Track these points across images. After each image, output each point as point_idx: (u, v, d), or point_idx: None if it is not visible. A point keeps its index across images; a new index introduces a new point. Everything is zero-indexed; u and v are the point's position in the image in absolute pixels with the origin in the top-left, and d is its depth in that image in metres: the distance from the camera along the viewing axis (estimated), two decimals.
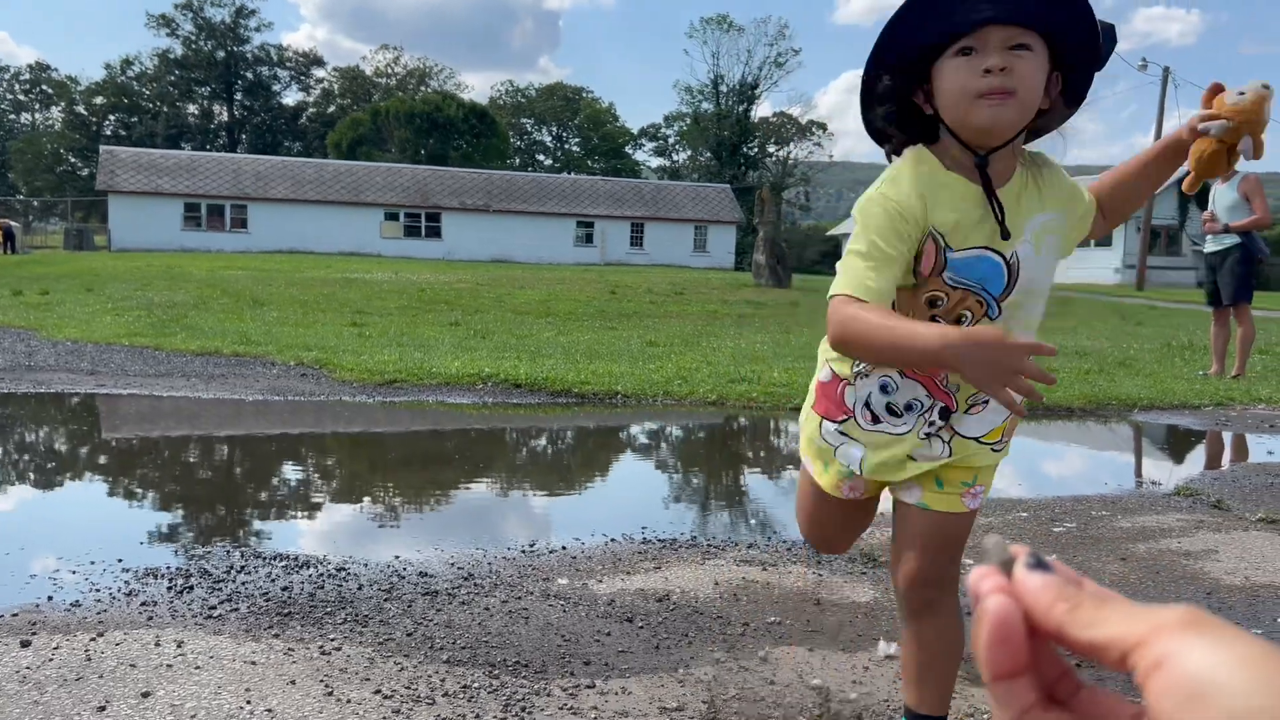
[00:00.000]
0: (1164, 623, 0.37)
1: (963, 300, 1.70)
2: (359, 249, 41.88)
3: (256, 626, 2.67)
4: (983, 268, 1.68)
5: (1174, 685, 0.35)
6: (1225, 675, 0.34)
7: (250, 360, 8.36)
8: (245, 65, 77.31)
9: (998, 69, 1.55)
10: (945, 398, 1.76)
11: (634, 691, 2.35)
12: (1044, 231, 1.72)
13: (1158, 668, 0.36)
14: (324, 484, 4.81)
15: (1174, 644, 0.36)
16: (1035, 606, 0.41)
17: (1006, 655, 0.41)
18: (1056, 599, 0.41)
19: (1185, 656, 0.35)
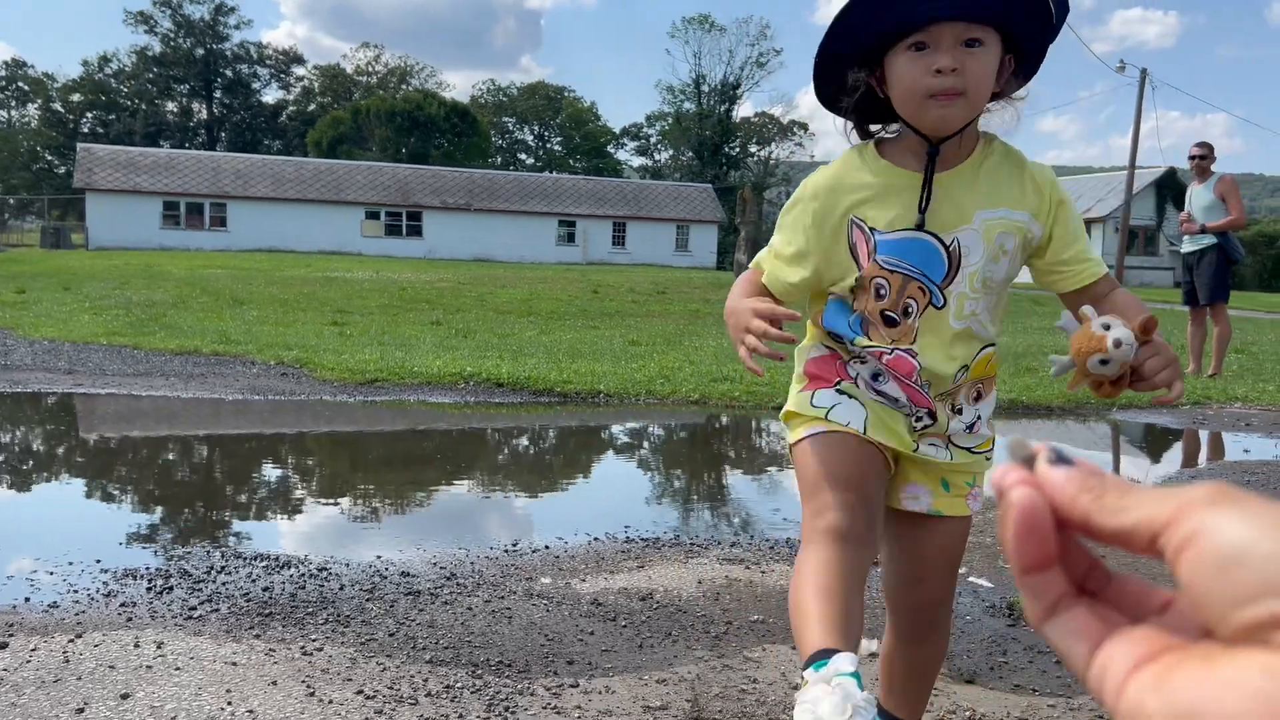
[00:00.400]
0: (1191, 500, 0.37)
1: (904, 287, 1.66)
2: (339, 248, 41.69)
3: (237, 627, 2.65)
4: (917, 250, 1.64)
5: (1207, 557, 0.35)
6: (1257, 541, 0.34)
7: (230, 359, 8.31)
8: (224, 63, 76.78)
9: (949, 69, 1.52)
10: (922, 400, 1.71)
11: (617, 690, 2.34)
12: (1001, 228, 1.64)
13: (1189, 543, 0.36)
14: (305, 484, 4.79)
15: (1204, 518, 0.36)
16: (1060, 498, 0.41)
17: (1035, 546, 0.41)
18: (1081, 489, 0.40)
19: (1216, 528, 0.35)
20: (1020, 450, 0.44)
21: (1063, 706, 2.37)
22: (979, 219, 1.64)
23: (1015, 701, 2.39)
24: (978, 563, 3.52)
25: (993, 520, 4.13)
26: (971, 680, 2.52)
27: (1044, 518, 0.41)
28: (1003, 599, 3.12)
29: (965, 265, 1.64)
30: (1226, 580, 0.34)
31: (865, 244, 1.66)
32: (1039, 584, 0.41)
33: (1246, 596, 0.33)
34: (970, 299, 1.67)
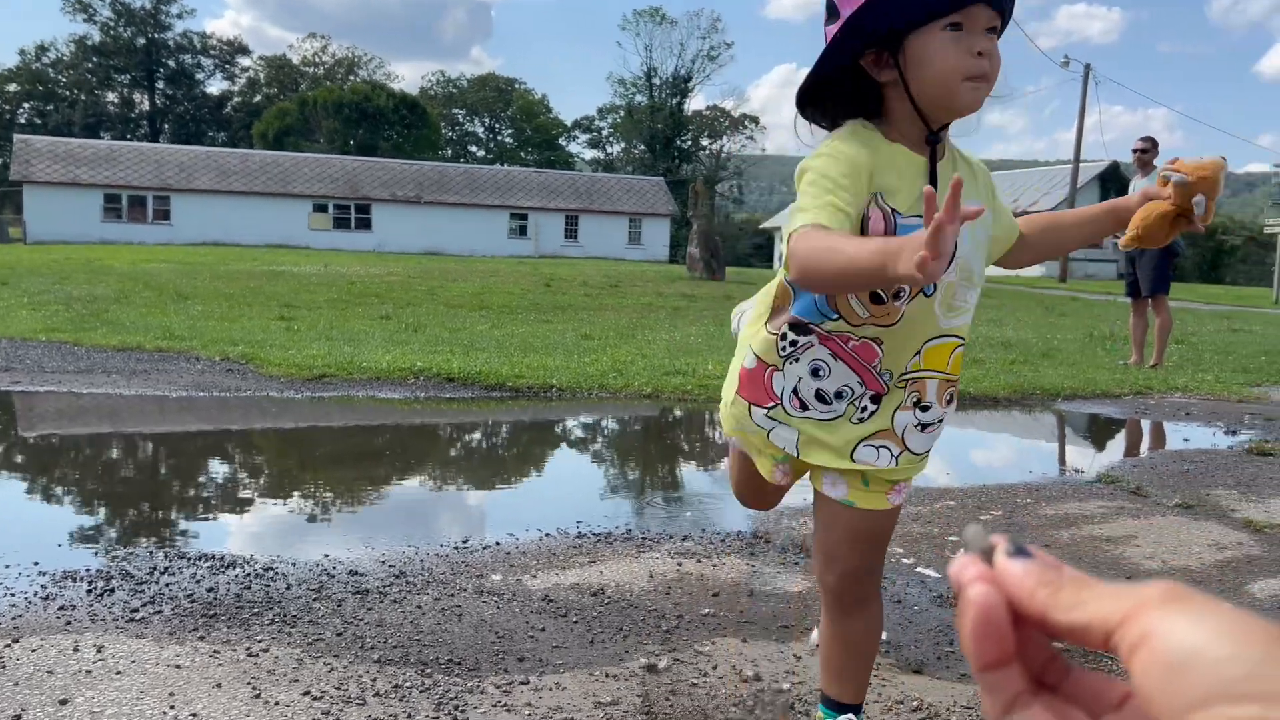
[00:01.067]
0: (1144, 600, 0.37)
1: None
2: (286, 241, 41.15)
3: (181, 629, 2.60)
4: None
5: (1157, 660, 0.35)
6: (1207, 646, 0.34)
7: (174, 355, 8.16)
8: (167, 53, 75.33)
9: (988, 52, 1.55)
10: (877, 385, 1.73)
11: (568, 687, 2.34)
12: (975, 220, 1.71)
13: (1141, 644, 0.36)
14: (251, 482, 4.72)
15: (1155, 620, 0.36)
16: (1018, 593, 0.41)
17: (992, 644, 0.41)
18: (1038, 584, 0.41)
19: (1167, 631, 0.35)
20: (978, 542, 0.44)
21: None
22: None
23: (962, 691, 2.42)
24: (925, 553, 3.56)
25: (940, 510, 4.18)
26: (919, 670, 2.55)
27: (1001, 616, 0.41)
28: (949, 589, 3.15)
29: (958, 255, 1.66)
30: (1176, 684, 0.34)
31: (884, 223, 1.63)
32: (996, 681, 0.42)
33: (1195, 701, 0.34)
34: (959, 288, 1.71)
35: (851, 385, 1.73)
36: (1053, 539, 3.80)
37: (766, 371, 1.79)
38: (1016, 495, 4.53)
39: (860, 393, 1.74)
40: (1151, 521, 4.10)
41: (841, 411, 1.75)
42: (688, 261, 22.11)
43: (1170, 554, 3.64)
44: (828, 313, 1.70)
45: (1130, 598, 0.38)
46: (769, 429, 1.81)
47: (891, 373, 1.73)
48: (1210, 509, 4.34)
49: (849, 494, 1.81)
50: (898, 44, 1.58)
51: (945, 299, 1.69)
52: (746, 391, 1.84)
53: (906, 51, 1.58)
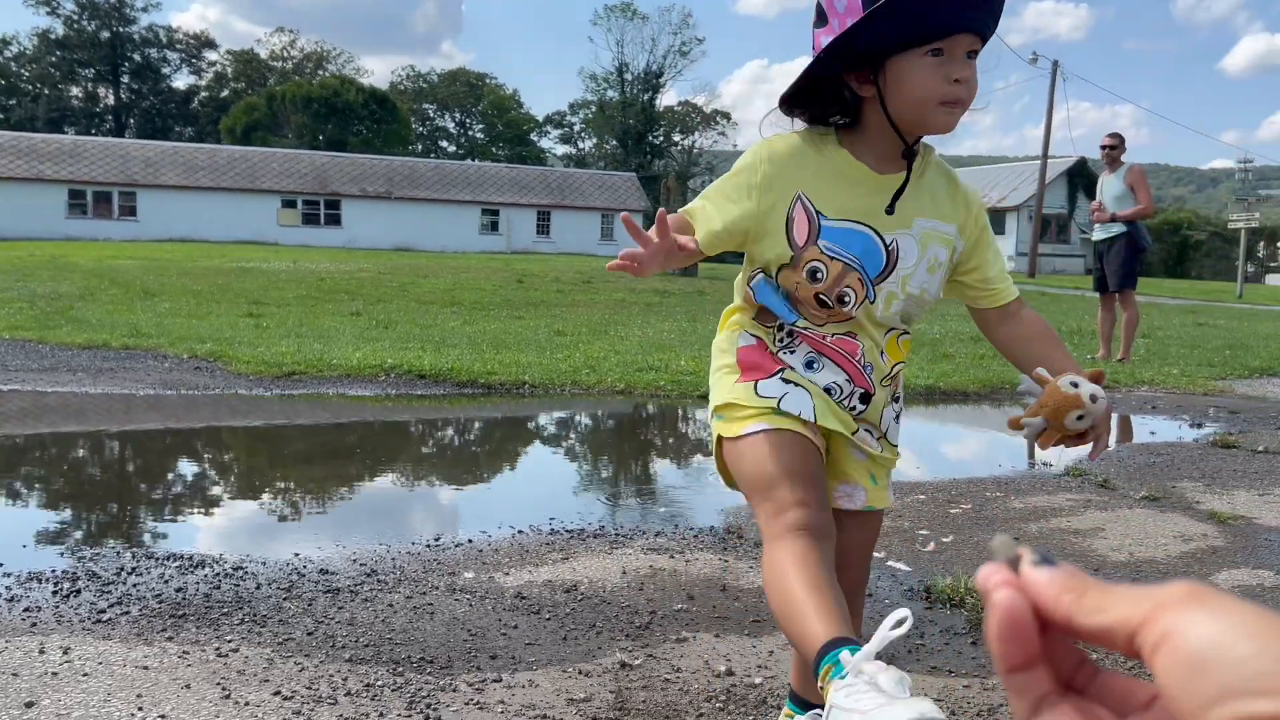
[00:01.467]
0: (1166, 600, 0.38)
1: (843, 276, 1.70)
2: (255, 237, 40.80)
3: (149, 630, 2.57)
4: (859, 242, 1.69)
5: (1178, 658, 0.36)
6: (1227, 644, 0.35)
7: (141, 353, 8.07)
8: (132, 47, 74.41)
9: (966, 79, 1.60)
10: (864, 382, 1.76)
11: (541, 684, 2.33)
12: (932, 237, 1.73)
13: (1162, 643, 0.37)
14: (220, 481, 4.67)
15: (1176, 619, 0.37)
16: (1043, 598, 0.42)
17: (1018, 646, 0.42)
18: (1064, 590, 0.41)
19: (1187, 630, 0.36)
20: (1005, 551, 0.45)
21: (977, 686, 2.43)
22: (917, 225, 1.71)
23: (931, 683, 2.44)
24: (895, 547, 3.58)
25: (910, 504, 4.21)
26: (890, 664, 2.56)
27: (1026, 618, 0.42)
28: (920, 582, 3.18)
29: (900, 266, 1.71)
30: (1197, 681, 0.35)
31: (807, 224, 1.68)
32: (1023, 683, 0.42)
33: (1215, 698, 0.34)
34: (897, 300, 1.73)
35: (839, 383, 1.75)
36: (1021, 532, 3.84)
37: (767, 349, 1.80)
38: (985, 489, 4.57)
39: (849, 390, 1.76)
40: (1118, 514, 4.15)
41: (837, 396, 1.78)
42: None
43: (1137, 546, 3.68)
44: (787, 314, 1.75)
45: (1151, 599, 0.38)
46: (781, 395, 1.71)
47: (873, 367, 1.76)
48: (1176, 501, 4.39)
49: (868, 499, 1.82)
50: (880, 63, 1.62)
51: (885, 308, 1.74)
52: (749, 373, 1.77)
53: (887, 71, 1.62)
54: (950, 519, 4.01)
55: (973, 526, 3.90)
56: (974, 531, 3.83)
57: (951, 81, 1.58)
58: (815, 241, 1.69)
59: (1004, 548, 0.45)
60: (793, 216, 1.69)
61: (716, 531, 3.73)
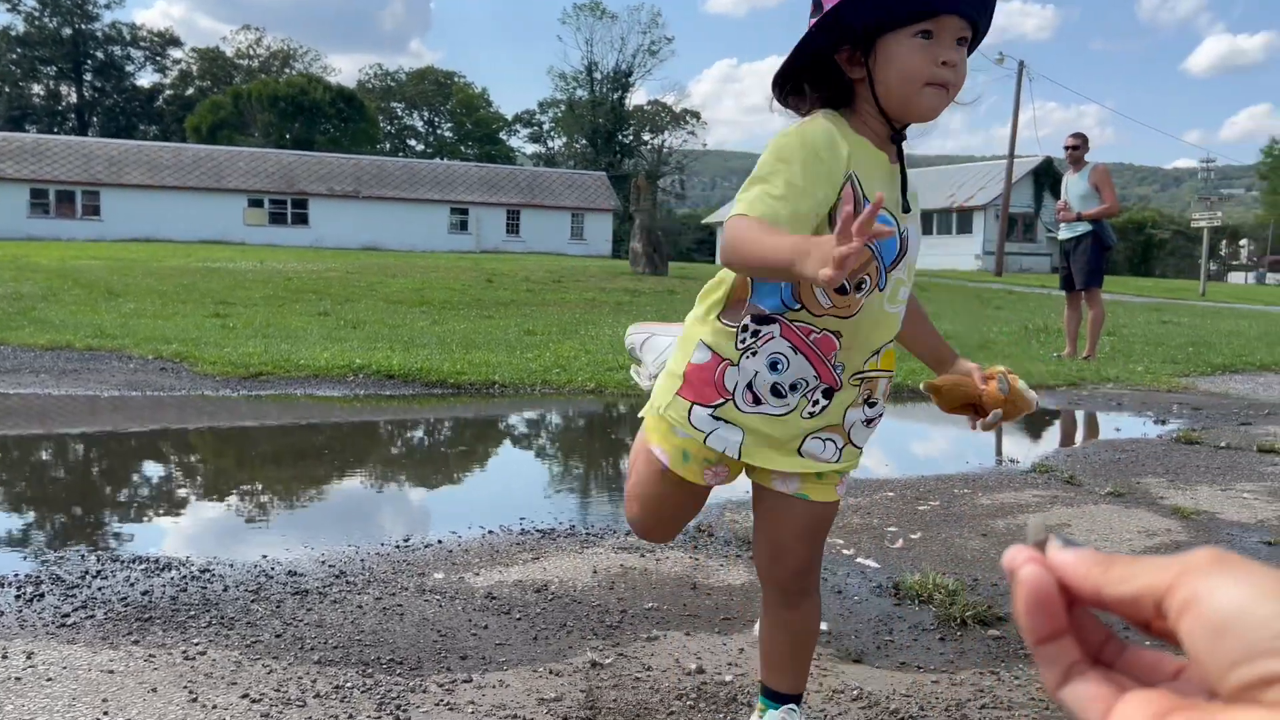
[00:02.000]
0: (1191, 566, 0.39)
1: (867, 263, 1.66)
2: (221, 237, 40.42)
3: (114, 633, 2.55)
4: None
5: (1203, 621, 0.37)
6: (1249, 606, 0.36)
7: (105, 354, 7.97)
8: (95, 44, 73.46)
9: (954, 62, 1.59)
10: (831, 378, 1.74)
11: (511, 684, 2.33)
12: (913, 218, 1.79)
13: (1187, 607, 0.38)
14: (187, 483, 4.63)
15: (1201, 583, 0.38)
16: (1072, 573, 0.43)
17: (1045, 618, 0.43)
18: (1091, 564, 0.42)
19: (1212, 594, 0.37)
20: (1035, 535, 0.46)
21: (946, 682, 2.45)
22: (917, 211, 1.76)
23: (901, 679, 2.46)
24: (865, 544, 3.61)
25: (879, 501, 4.24)
26: (859, 660, 2.58)
27: (1051, 590, 0.43)
28: (889, 579, 3.20)
29: (909, 253, 1.73)
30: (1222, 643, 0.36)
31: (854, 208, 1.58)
32: (1052, 653, 0.43)
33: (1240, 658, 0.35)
34: (905, 285, 1.76)
35: (807, 378, 1.73)
36: (989, 528, 3.88)
37: (720, 366, 1.75)
38: (953, 485, 4.61)
39: (814, 385, 1.74)
40: (1084, 509, 4.20)
41: (794, 405, 1.74)
42: (630, 257, 22.11)
43: (1102, 541, 3.73)
44: (791, 303, 1.70)
45: (1177, 565, 0.39)
46: (709, 430, 1.77)
47: (844, 366, 1.74)
48: (1140, 497, 4.45)
49: (801, 487, 1.81)
50: (870, 44, 1.62)
51: (892, 294, 1.74)
52: (690, 391, 1.78)
53: (877, 52, 1.61)
54: (919, 516, 4.04)
55: (941, 523, 3.93)
56: (942, 528, 3.86)
57: (939, 63, 1.58)
58: None
59: (1035, 532, 0.47)
60: (842, 195, 1.63)
61: (687, 530, 3.73)
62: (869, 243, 1.50)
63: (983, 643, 2.72)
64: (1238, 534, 3.88)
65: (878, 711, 2.27)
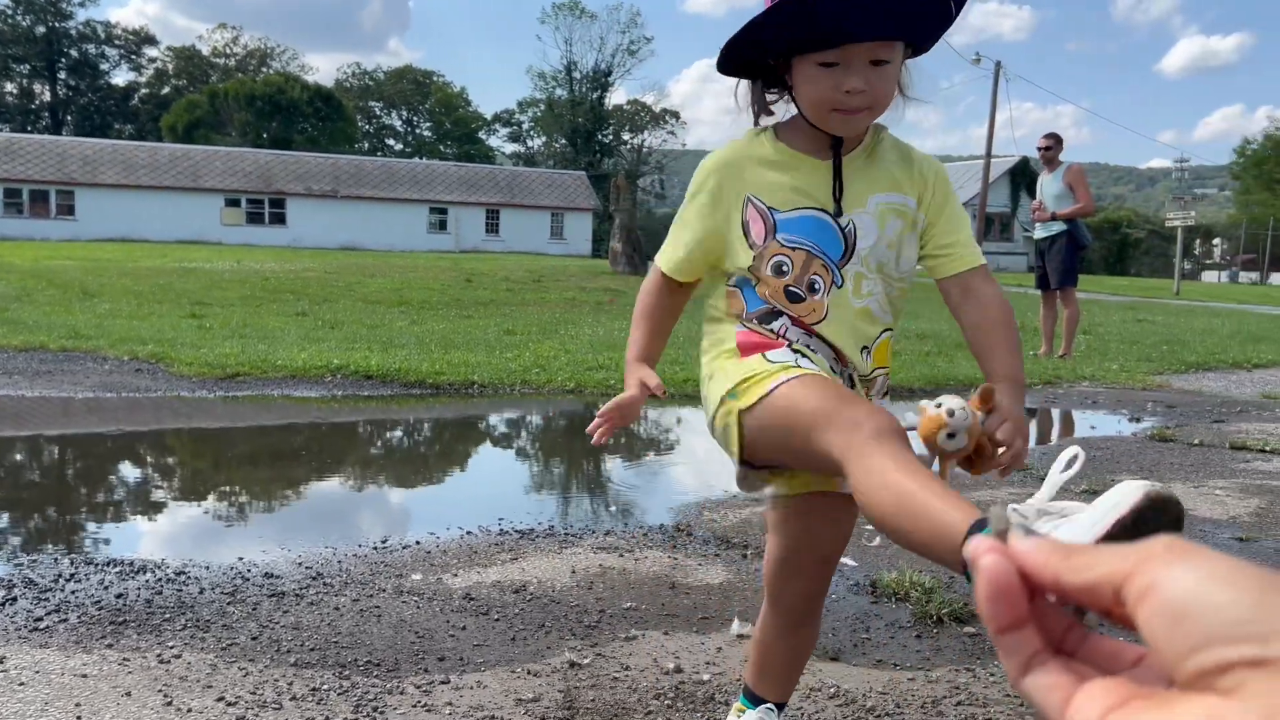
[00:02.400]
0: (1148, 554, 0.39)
1: (808, 264, 1.66)
2: (198, 237, 40.14)
3: (88, 637, 2.53)
4: (814, 228, 1.66)
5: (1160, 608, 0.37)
6: (1206, 593, 0.36)
7: (80, 355, 7.90)
8: (69, 42, 72.78)
9: (858, 91, 1.56)
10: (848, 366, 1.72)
11: (489, 685, 2.33)
12: (888, 211, 1.69)
13: (1145, 595, 0.38)
14: (163, 484, 4.59)
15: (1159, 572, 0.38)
16: (1032, 562, 0.43)
17: (1007, 607, 0.43)
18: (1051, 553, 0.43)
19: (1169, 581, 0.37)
20: (996, 524, 0.47)
21: (922, 679, 2.46)
22: (872, 203, 1.69)
23: (877, 676, 2.47)
24: None
25: None
26: (836, 658, 2.59)
27: (1012, 580, 0.43)
28: (866, 577, 3.21)
29: (860, 246, 1.68)
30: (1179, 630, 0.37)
31: (763, 222, 1.67)
32: (1014, 642, 0.44)
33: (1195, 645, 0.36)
34: (867, 279, 1.70)
35: (831, 364, 1.70)
36: None
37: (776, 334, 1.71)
38: None
39: (839, 371, 1.71)
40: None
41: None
42: (610, 256, 22.11)
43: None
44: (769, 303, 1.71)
45: (1135, 554, 0.40)
46: (793, 360, 1.65)
47: (855, 365, 1.72)
48: None
49: None
50: (789, 59, 1.62)
51: (855, 288, 1.69)
52: (750, 351, 1.70)
53: (793, 70, 1.62)
54: None
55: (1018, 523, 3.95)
56: None
57: (843, 92, 1.56)
58: (774, 236, 1.67)
59: (996, 521, 0.48)
60: (747, 220, 1.68)
61: (666, 530, 3.74)
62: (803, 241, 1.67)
63: (959, 640, 2.73)
64: (1211, 530, 3.92)
65: (854, 709, 2.28)
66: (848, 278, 1.68)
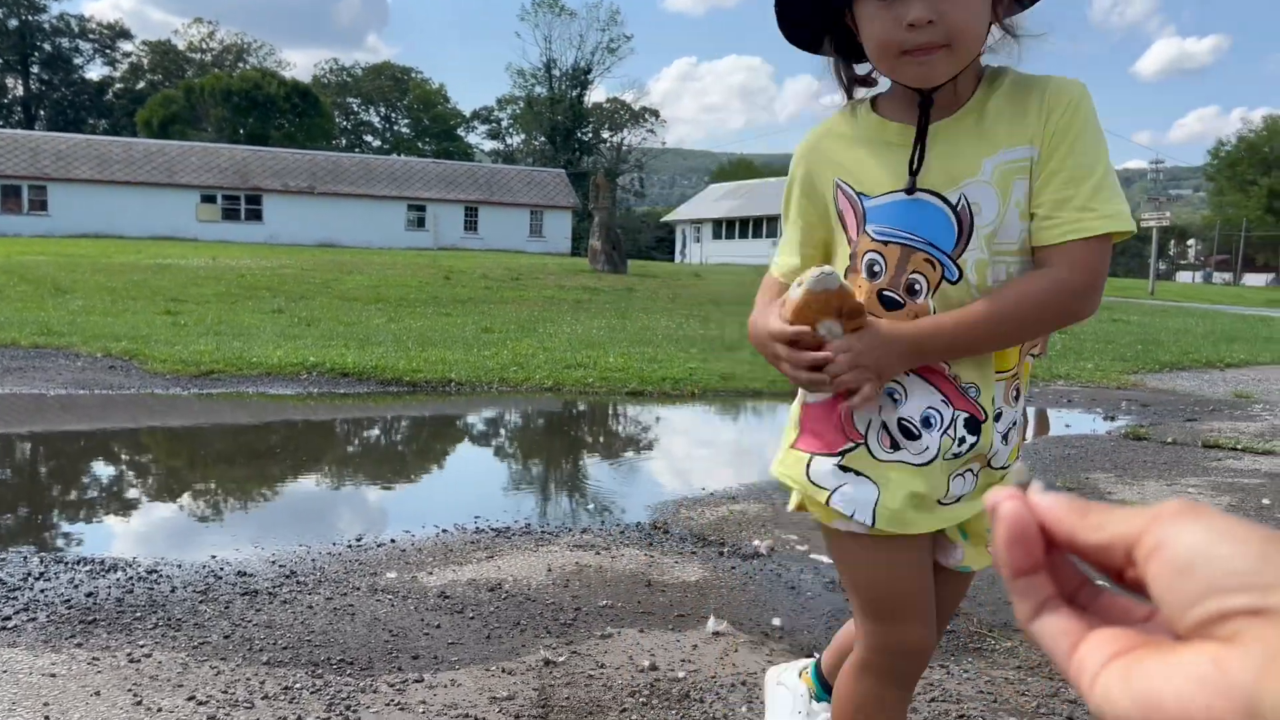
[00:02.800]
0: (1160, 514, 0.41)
1: (905, 260, 1.35)
2: (173, 233, 39.80)
3: (57, 636, 2.50)
4: (915, 215, 1.34)
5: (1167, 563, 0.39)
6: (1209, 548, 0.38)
7: (52, 352, 7.82)
8: (42, 36, 72.01)
9: (923, 22, 1.23)
10: (967, 404, 1.37)
11: (464, 683, 2.32)
12: (1012, 172, 1.31)
13: (1154, 552, 0.40)
14: (136, 483, 4.55)
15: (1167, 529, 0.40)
16: (1049, 516, 0.44)
17: (1022, 551, 0.44)
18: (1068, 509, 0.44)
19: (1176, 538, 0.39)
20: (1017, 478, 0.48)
21: None
22: (988, 167, 1.32)
23: None
24: (818, 540, 3.62)
25: None
26: (812, 655, 2.59)
27: (1030, 526, 0.44)
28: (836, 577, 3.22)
29: (979, 226, 1.32)
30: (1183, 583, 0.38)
31: (853, 212, 1.39)
32: (1027, 586, 0.45)
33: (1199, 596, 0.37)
34: (995, 264, 1.33)
35: (935, 406, 1.37)
36: None
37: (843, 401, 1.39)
38: None
39: (951, 416, 1.37)
40: None
41: (935, 448, 1.37)
42: (589, 254, 22.09)
43: None
44: None
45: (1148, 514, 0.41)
46: (834, 487, 1.39)
47: (977, 385, 1.37)
48: (1089, 492, 4.52)
49: (965, 558, 1.46)
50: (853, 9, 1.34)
51: (980, 281, 1.34)
52: (808, 439, 1.43)
53: (855, 16, 1.33)
54: None
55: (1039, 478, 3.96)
56: None
57: (904, 26, 1.24)
58: (864, 229, 1.37)
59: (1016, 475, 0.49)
60: (841, 209, 1.40)
61: (643, 527, 3.73)
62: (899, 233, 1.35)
63: None
64: None
65: None
66: (966, 268, 1.33)
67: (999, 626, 2.81)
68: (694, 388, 7.13)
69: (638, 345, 9.41)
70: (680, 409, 6.67)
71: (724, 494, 4.33)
